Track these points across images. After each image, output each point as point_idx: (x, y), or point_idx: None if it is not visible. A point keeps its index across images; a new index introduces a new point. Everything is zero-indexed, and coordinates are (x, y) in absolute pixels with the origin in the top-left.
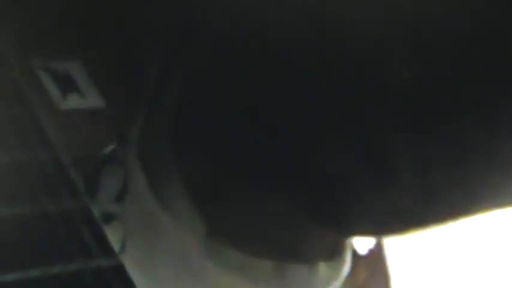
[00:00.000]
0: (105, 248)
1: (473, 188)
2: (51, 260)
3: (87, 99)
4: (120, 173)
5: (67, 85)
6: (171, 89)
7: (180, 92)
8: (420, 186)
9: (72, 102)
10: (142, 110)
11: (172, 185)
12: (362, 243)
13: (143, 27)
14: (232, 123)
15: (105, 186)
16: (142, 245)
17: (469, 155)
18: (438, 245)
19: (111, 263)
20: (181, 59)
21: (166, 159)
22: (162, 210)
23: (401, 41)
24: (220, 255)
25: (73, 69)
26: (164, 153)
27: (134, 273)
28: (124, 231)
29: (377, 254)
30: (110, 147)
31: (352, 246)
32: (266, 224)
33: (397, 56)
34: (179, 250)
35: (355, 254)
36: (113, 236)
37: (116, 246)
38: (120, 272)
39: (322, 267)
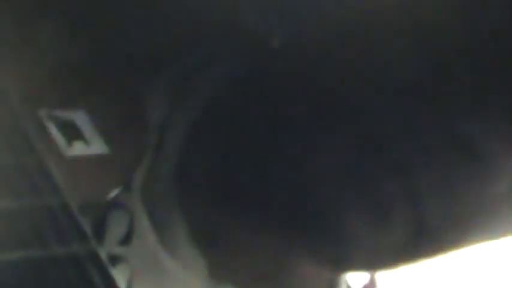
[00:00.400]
0: None
1: (465, 219)
2: None
3: (92, 146)
4: (125, 218)
5: (72, 133)
6: (174, 136)
7: (182, 139)
8: (412, 214)
9: (78, 149)
10: (146, 156)
11: (175, 228)
12: (356, 280)
13: (147, 76)
14: (233, 167)
15: (111, 230)
16: (147, 286)
17: (460, 185)
18: (430, 280)
19: None
20: (184, 107)
21: (169, 205)
22: (166, 253)
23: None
24: None
25: (78, 118)
26: (167, 198)
27: None
28: (130, 273)
29: None
30: (115, 193)
31: (346, 282)
32: (264, 262)
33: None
34: None
35: None
36: (120, 277)
37: None
38: None
39: None
